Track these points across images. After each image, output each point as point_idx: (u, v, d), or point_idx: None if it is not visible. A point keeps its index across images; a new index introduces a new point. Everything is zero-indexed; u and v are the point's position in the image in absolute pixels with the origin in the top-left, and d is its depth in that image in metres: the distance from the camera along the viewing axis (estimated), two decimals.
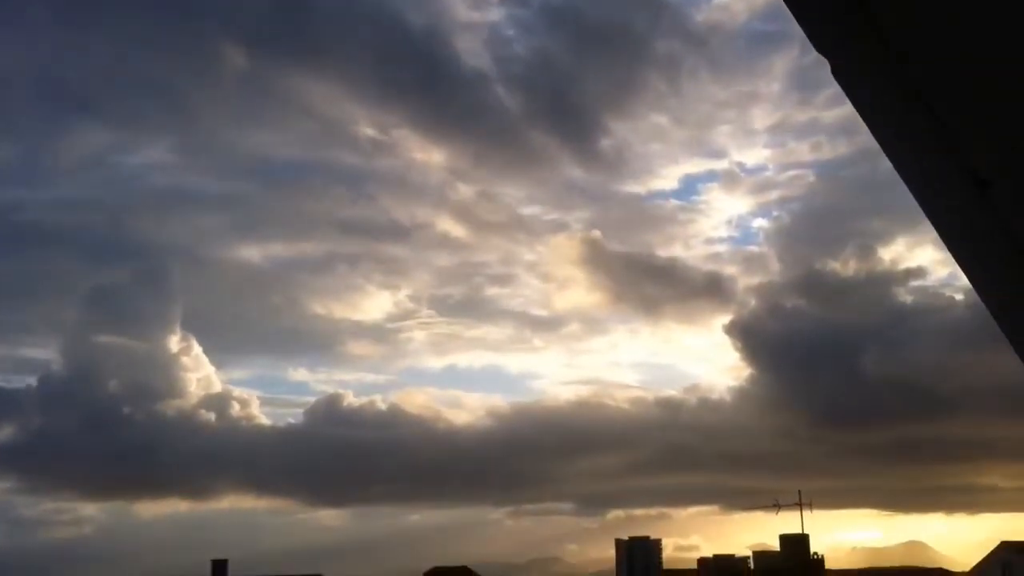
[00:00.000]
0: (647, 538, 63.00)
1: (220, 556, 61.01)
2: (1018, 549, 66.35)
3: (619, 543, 62.33)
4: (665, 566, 64.29)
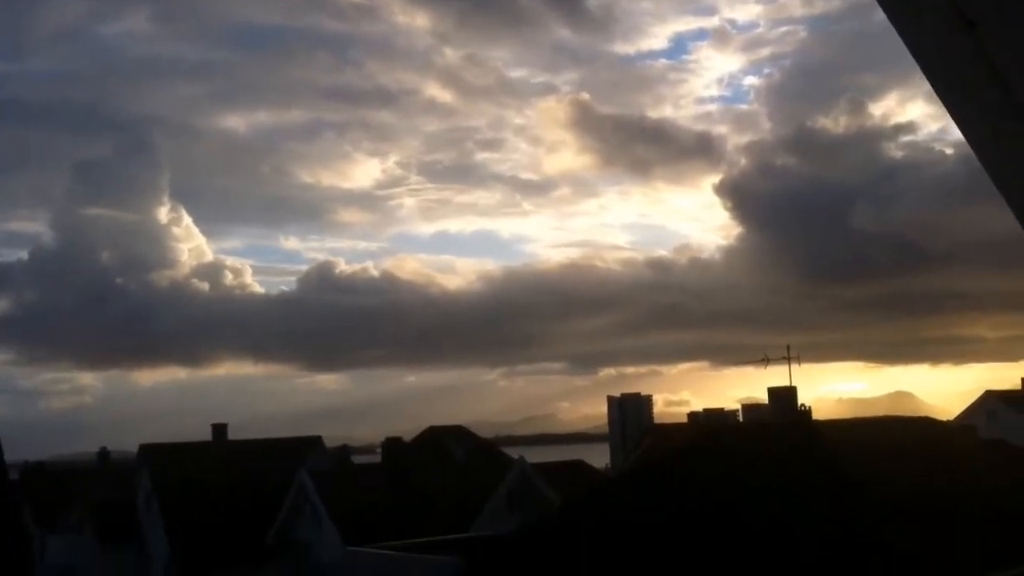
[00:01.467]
0: (638, 395, 63.88)
1: (220, 421, 61.98)
2: (1003, 397, 67.72)
3: (611, 400, 63.46)
4: (656, 421, 65.84)
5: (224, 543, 47.29)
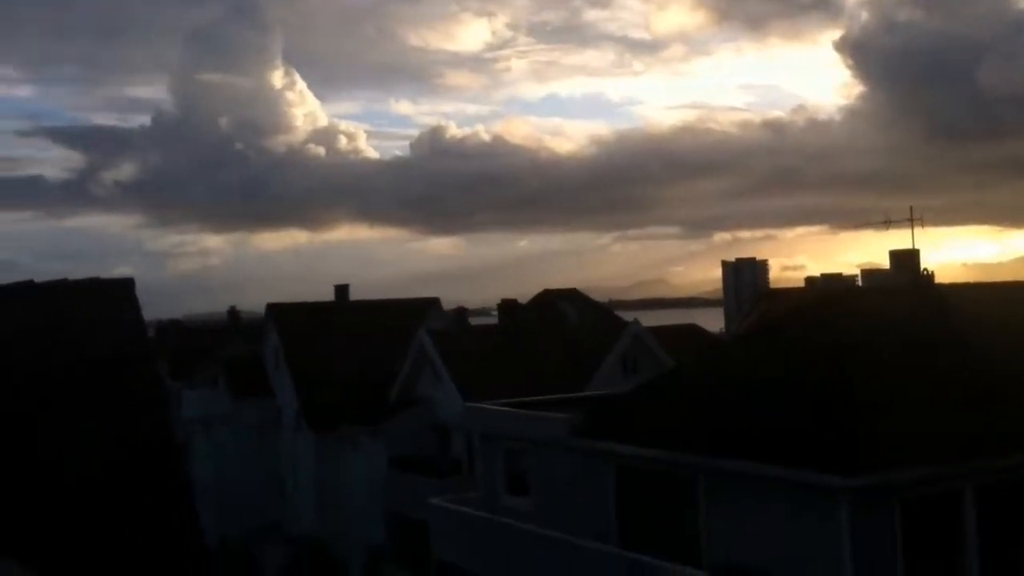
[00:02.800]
0: (753, 259, 63.23)
1: (339, 283, 63.72)
2: None
3: (725, 264, 63.03)
4: (772, 286, 65.21)
5: (349, 398, 49.18)
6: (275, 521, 56.70)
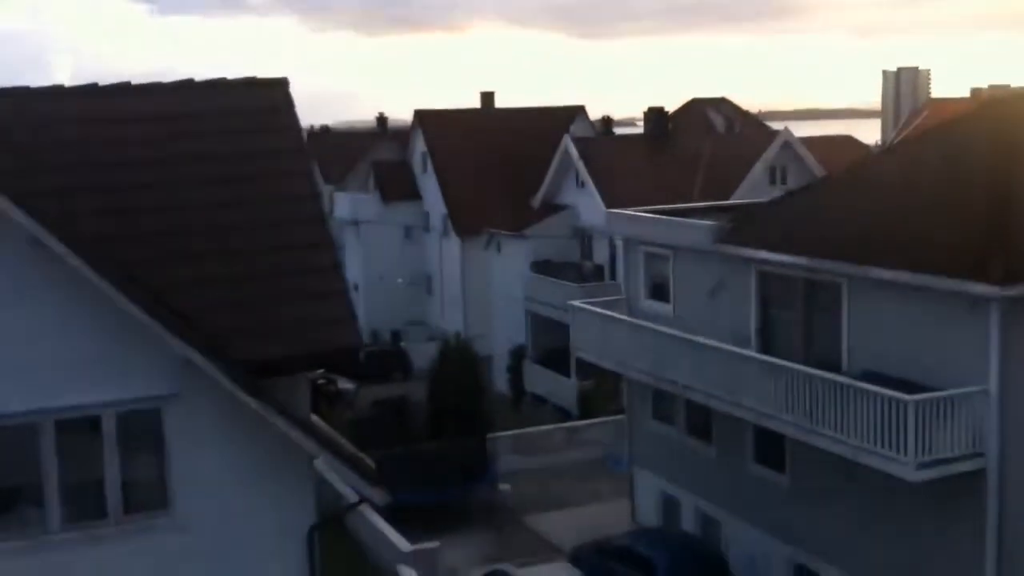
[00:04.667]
0: (915, 68, 60.41)
1: (486, 89, 63.91)
2: None
3: (885, 74, 60.31)
4: (933, 96, 62.29)
5: (493, 203, 49.92)
6: (421, 320, 59.00)
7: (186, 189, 13.28)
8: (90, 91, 14.45)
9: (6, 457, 11.33)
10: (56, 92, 14.33)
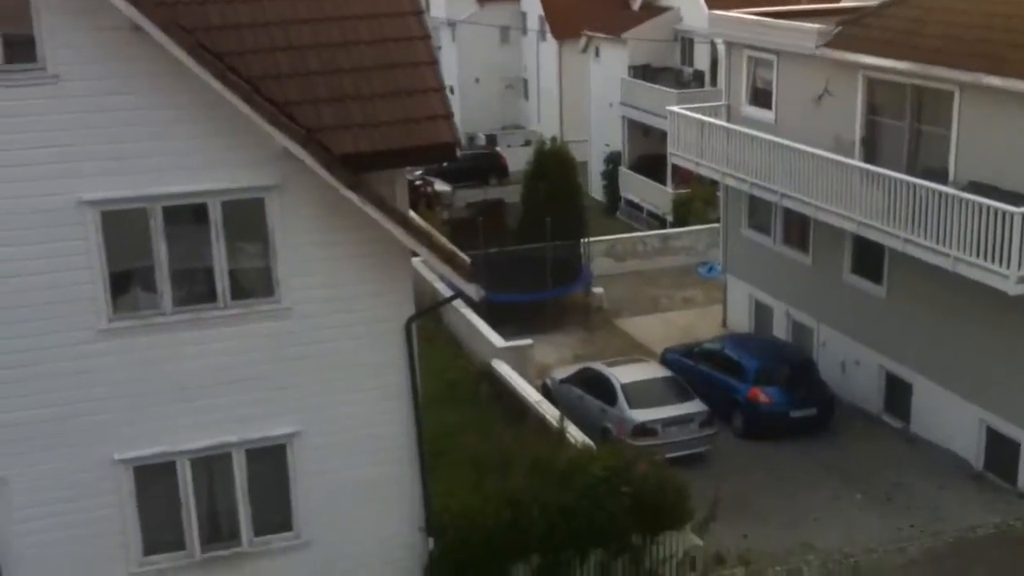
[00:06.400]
0: None
1: None
2: None
3: None
4: None
5: (592, 4, 48.47)
6: (517, 124, 58.64)
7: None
8: None
9: (121, 242, 11.79)
10: None
